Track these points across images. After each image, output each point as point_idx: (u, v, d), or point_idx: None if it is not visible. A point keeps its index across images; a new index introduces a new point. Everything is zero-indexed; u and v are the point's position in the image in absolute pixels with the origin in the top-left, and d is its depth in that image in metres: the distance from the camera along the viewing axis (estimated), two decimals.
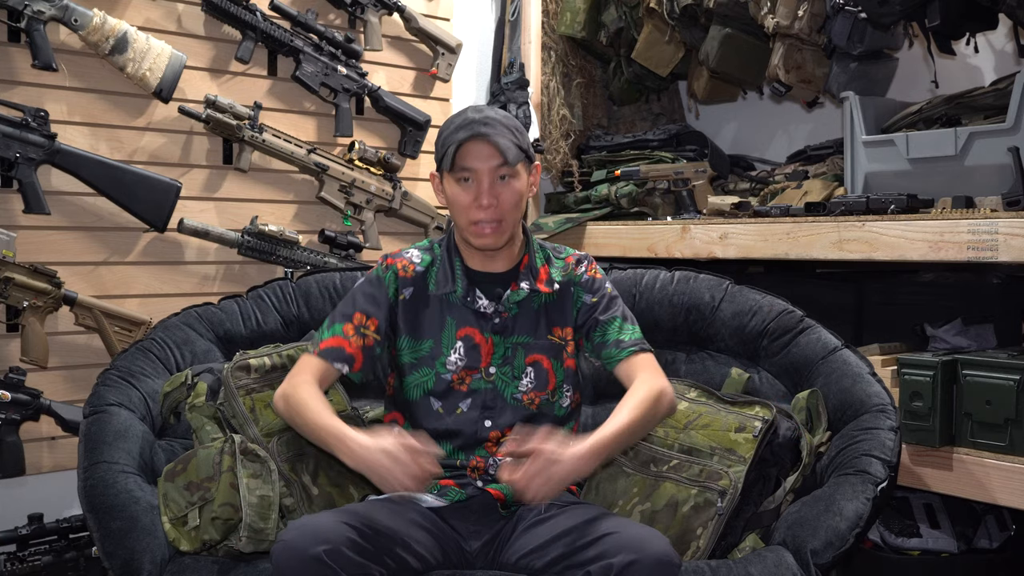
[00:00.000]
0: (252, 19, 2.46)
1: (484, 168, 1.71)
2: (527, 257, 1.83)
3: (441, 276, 1.81)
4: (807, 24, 2.37)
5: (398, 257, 1.84)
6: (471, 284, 1.80)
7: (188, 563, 1.64)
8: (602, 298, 1.85)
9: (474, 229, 1.73)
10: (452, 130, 1.73)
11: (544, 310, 1.82)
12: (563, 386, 1.82)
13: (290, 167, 2.59)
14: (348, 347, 1.75)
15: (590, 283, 1.86)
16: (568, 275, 1.85)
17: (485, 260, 1.81)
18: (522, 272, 1.82)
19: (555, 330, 1.83)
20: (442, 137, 1.76)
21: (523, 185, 1.76)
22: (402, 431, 1.59)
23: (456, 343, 1.78)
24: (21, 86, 2.21)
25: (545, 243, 1.92)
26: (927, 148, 2.10)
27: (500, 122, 1.72)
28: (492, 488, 1.74)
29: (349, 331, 1.76)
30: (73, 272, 2.28)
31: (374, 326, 1.78)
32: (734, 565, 1.59)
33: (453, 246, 1.83)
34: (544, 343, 1.81)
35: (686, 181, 2.70)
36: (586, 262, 1.88)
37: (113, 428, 1.81)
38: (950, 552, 2.12)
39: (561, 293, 1.84)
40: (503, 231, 1.74)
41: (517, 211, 1.76)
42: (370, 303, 1.79)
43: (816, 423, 1.87)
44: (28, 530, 2.11)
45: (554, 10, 3.04)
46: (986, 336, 2.19)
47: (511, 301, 1.79)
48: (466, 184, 1.73)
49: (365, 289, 1.82)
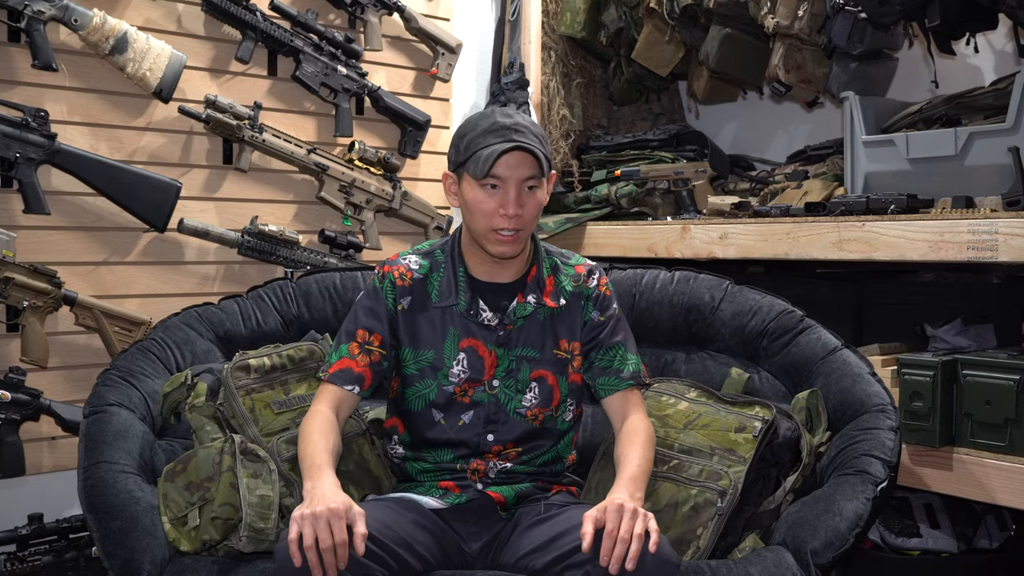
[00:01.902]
0: (252, 19, 2.46)
1: (514, 177, 1.67)
2: (535, 268, 1.80)
3: (444, 286, 1.77)
4: (807, 24, 2.37)
5: (394, 265, 1.80)
6: (474, 295, 1.77)
7: (188, 563, 1.64)
8: (610, 319, 1.83)
9: (494, 236, 1.69)
10: (480, 134, 1.67)
11: (551, 323, 1.79)
12: (567, 400, 1.81)
13: (290, 167, 2.59)
14: (356, 367, 1.73)
15: (600, 300, 1.83)
16: (579, 287, 1.82)
17: (491, 270, 1.78)
18: (529, 284, 1.78)
19: (562, 343, 1.80)
20: (466, 139, 1.69)
21: (544, 195, 1.73)
22: (360, 517, 1.45)
23: (459, 354, 1.75)
24: (21, 86, 2.21)
25: (552, 248, 1.88)
26: (927, 148, 2.10)
27: (530, 130, 1.68)
28: (492, 491, 1.74)
29: (355, 350, 1.74)
30: (73, 272, 2.28)
31: (378, 341, 1.76)
32: (734, 565, 1.59)
33: (458, 254, 1.79)
34: (550, 358, 1.78)
35: (686, 181, 2.70)
36: (597, 274, 1.85)
37: (113, 428, 1.81)
38: (950, 552, 2.12)
39: (570, 306, 1.81)
40: (521, 240, 1.71)
41: (536, 221, 1.73)
42: (371, 317, 1.77)
43: (816, 423, 1.87)
44: (28, 530, 2.11)
45: (554, 10, 3.04)
46: (986, 336, 2.19)
47: (517, 314, 1.77)
48: (492, 191, 1.68)
49: (364, 303, 1.79)
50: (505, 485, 1.76)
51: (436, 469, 1.77)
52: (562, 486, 1.82)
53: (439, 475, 1.77)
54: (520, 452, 1.77)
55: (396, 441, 1.82)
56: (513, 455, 1.77)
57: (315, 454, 1.58)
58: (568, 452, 1.85)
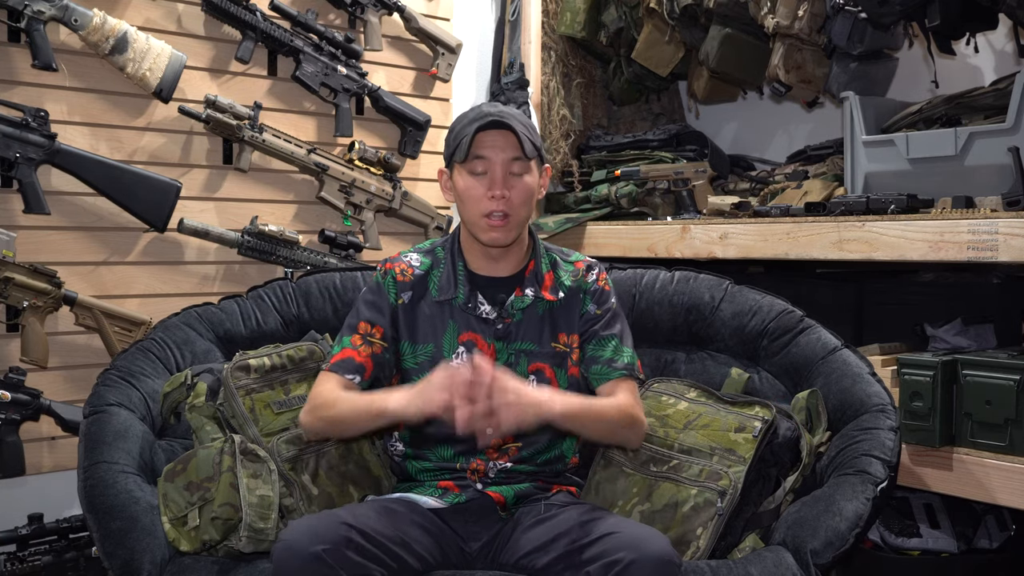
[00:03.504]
0: (252, 19, 2.46)
1: (499, 159, 1.71)
2: (532, 263, 1.82)
3: (443, 280, 1.80)
4: (807, 24, 2.37)
5: (396, 261, 1.83)
6: (473, 289, 1.79)
7: (188, 563, 1.64)
8: (606, 312, 1.83)
9: (485, 222, 1.72)
10: (466, 123, 1.73)
11: (549, 316, 1.81)
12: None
13: (290, 167, 2.59)
14: (357, 357, 1.75)
15: (598, 294, 1.84)
16: (578, 281, 1.84)
17: (489, 264, 1.80)
18: (527, 278, 1.80)
19: (560, 336, 1.81)
20: (455, 131, 1.75)
21: (534, 182, 1.75)
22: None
23: (458, 348, 1.77)
24: (21, 86, 2.21)
25: (552, 246, 1.90)
26: (927, 148, 2.10)
27: (516, 117, 1.73)
28: (492, 491, 1.74)
29: (357, 341, 1.76)
30: (73, 272, 2.28)
31: (379, 333, 1.77)
32: (734, 565, 1.59)
33: (457, 249, 1.82)
34: (548, 351, 1.80)
35: (686, 181, 2.70)
36: (596, 270, 1.87)
37: (113, 428, 1.81)
38: (950, 552, 2.12)
39: (568, 299, 1.82)
40: (511, 226, 1.73)
41: (526, 208, 1.75)
42: (372, 310, 1.79)
43: (816, 423, 1.87)
44: (28, 530, 2.11)
45: (554, 10, 3.04)
46: (986, 336, 2.19)
47: (515, 307, 1.78)
48: (479, 176, 1.72)
49: (367, 297, 1.81)
50: (505, 485, 1.76)
51: (436, 468, 1.78)
52: (562, 486, 1.82)
53: (439, 474, 1.77)
54: (520, 447, 1.77)
55: (396, 438, 1.82)
56: (513, 450, 1.77)
57: (360, 398, 1.65)
58: (572, 452, 1.85)
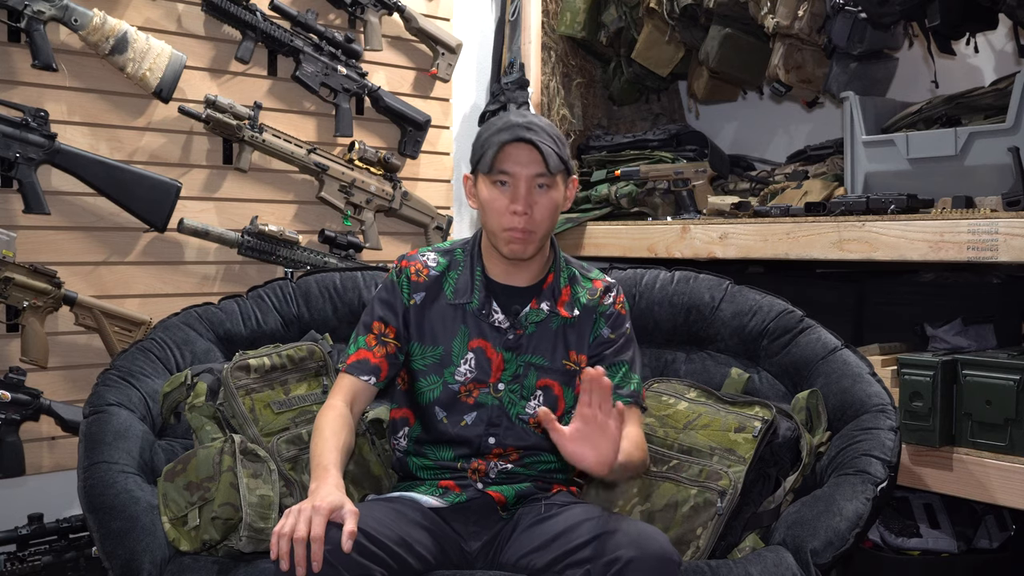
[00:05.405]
0: (252, 19, 2.46)
1: (523, 174, 1.68)
2: (552, 276, 1.80)
3: (460, 284, 1.78)
4: (807, 24, 2.37)
5: (412, 260, 1.81)
6: (489, 295, 1.77)
7: (188, 563, 1.64)
8: (620, 336, 1.81)
9: (505, 235, 1.70)
10: (493, 132, 1.70)
11: (563, 333, 1.79)
12: (571, 411, 1.78)
13: (290, 167, 2.59)
14: (372, 358, 1.75)
15: (614, 318, 1.82)
16: (594, 301, 1.82)
17: (508, 272, 1.78)
18: (544, 291, 1.78)
19: (571, 354, 1.79)
20: (481, 139, 1.72)
21: (559, 196, 1.73)
22: (352, 516, 1.45)
23: (467, 353, 1.76)
24: (21, 86, 2.21)
25: (572, 259, 1.88)
26: (927, 148, 2.10)
27: (544, 129, 1.69)
28: (492, 490, 1.74)
29: (371, 342, 1.76)
30: (73, 272, 2.28)
31: (393, 333, 1.77)
32: (734, 565, 1.59)
33: (477, 253, 1.80)
34: (558, 368, 1.78)
35: (686, 181, 2.70)
36: (614, 292, 1.84)
37: (113, 428, 1.81)
38: (950, 552, 2.12)
39: (582, 318, 1.80)
40: (533, 240, 1.71)
41: (549, 222, 1.72)
42: (386, 310, 1.78)
43: (816, 423, 1.87)
44: (28, 530, 2.11)
45: (554, 10, 3.04)
46: (986, 336, 2.19)
47: (529, 320, 1.77)
48: (503, 188, 1.69)
49: (382, 296, 1.80)
50: (505, 485, 1.75)
51: (436, 467, 1.77)
52: (562, 486, 1.82)
53: (439, 473, 1.77)
54: (521, 456, 1.77)
55: (404, 434, 1.82)
56: (514, 457, 1.77)
57: (323, 453, 1.59)
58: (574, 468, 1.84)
